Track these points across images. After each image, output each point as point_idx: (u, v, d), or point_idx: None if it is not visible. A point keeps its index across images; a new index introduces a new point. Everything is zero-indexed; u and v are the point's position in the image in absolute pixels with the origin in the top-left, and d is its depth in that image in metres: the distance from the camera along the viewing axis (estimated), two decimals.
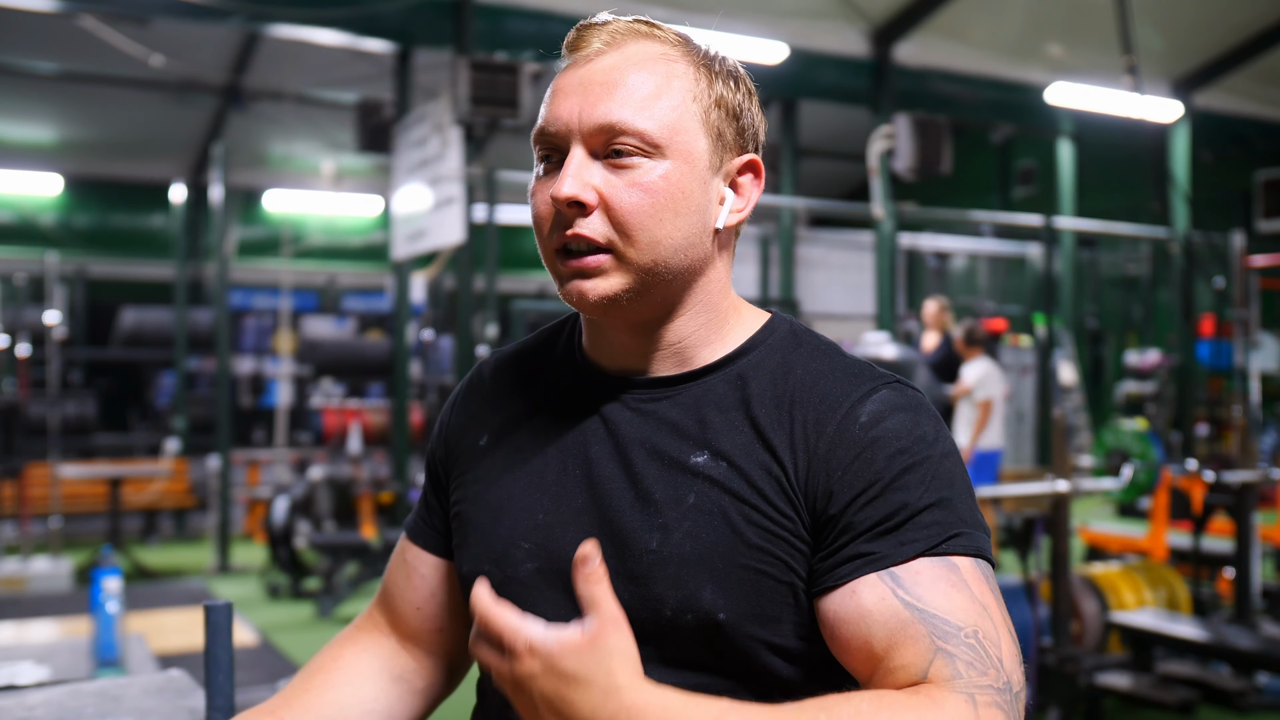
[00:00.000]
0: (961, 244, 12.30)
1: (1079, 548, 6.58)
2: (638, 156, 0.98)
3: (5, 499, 7.99)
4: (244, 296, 13.52)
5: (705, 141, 1.01)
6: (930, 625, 0.90)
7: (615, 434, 1.04)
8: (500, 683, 0.87)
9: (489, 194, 6.51)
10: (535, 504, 1.05)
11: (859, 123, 9.60)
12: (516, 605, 1.03)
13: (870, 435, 0.96)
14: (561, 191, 0.96)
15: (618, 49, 1.01)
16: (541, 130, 1.01)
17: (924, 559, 0.93)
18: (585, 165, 0.98)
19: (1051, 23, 9.72)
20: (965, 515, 0.96)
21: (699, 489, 0.99)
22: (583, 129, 0.98)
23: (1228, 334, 8.61)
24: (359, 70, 9.45)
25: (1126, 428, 5.20)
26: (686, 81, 1.01)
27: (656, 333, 1.04)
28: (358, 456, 8.47)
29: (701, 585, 0.97)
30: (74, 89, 11.17)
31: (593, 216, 0.97)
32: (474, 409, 1.16)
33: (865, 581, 0.93)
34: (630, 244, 0.98)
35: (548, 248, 1.01)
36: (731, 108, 1.03)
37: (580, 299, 0.99)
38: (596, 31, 1.02)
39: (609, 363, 1.07)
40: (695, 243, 1.01)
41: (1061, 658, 4.09)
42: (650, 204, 0.97)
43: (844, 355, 1.05)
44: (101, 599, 2.79)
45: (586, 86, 0.99)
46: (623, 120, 0.97)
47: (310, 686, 1.16)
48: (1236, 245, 6.47)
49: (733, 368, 1.04)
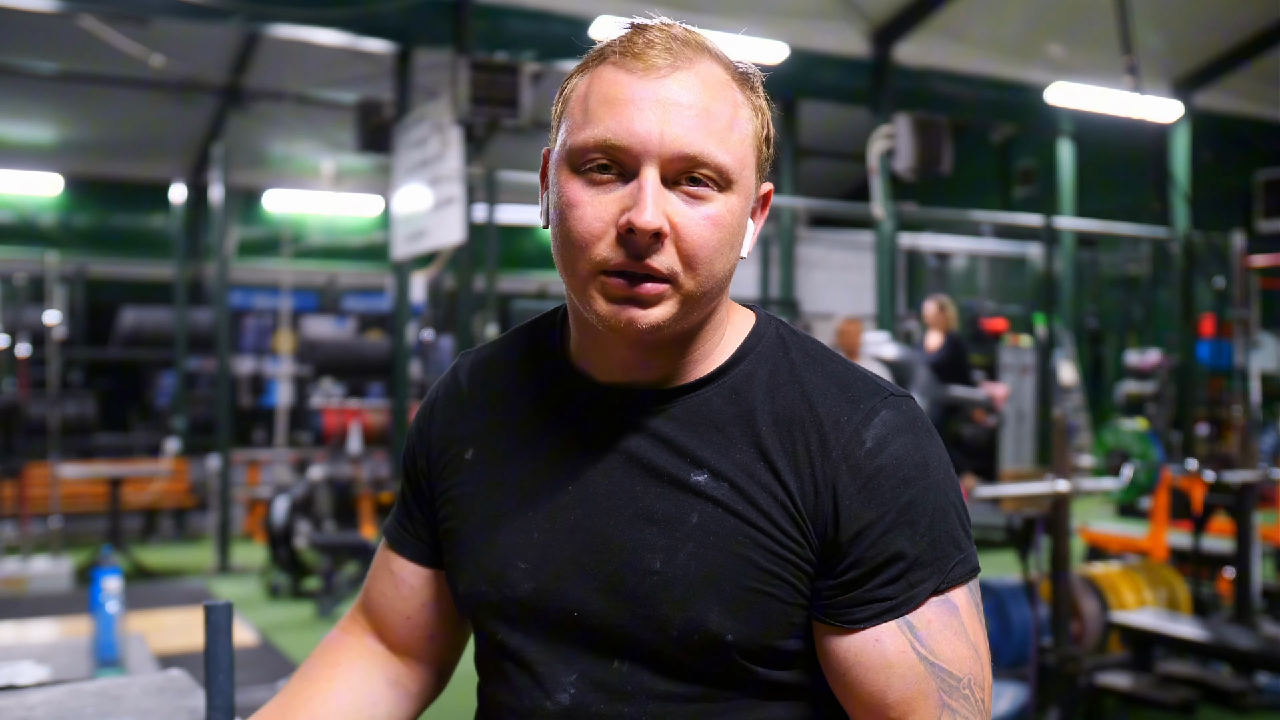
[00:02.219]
0: (961, 244, 12.30)
1: (1079, 548, 6.58)
2: (711, 189, 0.95)
3: (5, 499, 7.99)
4: (244, 296, 13.52)
5: (755, 173, 1.00)
6: (939, 680, 0.96)
7: (609, 449, 1.02)
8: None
9: (489, 194, 6.51)
10: (529, 521, 1.04)
11: (859, 123, 9.60)
12: (516, 624, 1.04)
13: (876, 464, 0.96)
14: (648, 221, 0.91)
15: (688, 68, 0.95)
16: (607, 141, 0.93)
17: (932, 602, 0.96)
18: (662, 192, 0.93)
19: (1051, 23, 9.72)
20: (959, 537, 0.99)
21: (701, 509, 0.98)
22: (663, 153, 0.93)
23: (1228, 334, 8.61)
24: (359, 70, 9.45)
25: (1126, 428, 5.20)
26: (747, 112, 0.99)
27: (664, 349, 1.02)
28: (358, 456, 8.47)
29: (709, 608, 0.96)
30: (74, 89, 11.17)
31: (663, 247, 0.93)
32: (454, 417, 1.13)
33: (886, 630, 0.96)
34: (692, 277, 0.95)
35: (591, 263, 0.95)
36: (771, 138, 1.03)
37: (629, 325, 0.94)
38: (658, 38, 0.96)
39: (602, 374, 1.04)
40: (734, 269, 1.00)
41: (1061, 658, 4.09)
42: (718, 239, 0.95)
43: (835, 361, 1.04)
44: (101, 599, 2.79)
45: (666, 105, 0.93)
46: (707, 152, 0.93)
47: (311, 693, 1.16)
48: (1236, 245, 6.46)
49: (726, 380, 1.02)
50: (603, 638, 1.00)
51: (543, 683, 1.02)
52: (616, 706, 0.99)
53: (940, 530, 0.97)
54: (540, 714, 1.02)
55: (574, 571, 1.01)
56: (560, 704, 1.01)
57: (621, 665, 1.00)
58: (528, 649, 1.03)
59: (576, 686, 1.01)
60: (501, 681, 1.06)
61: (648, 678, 0.99)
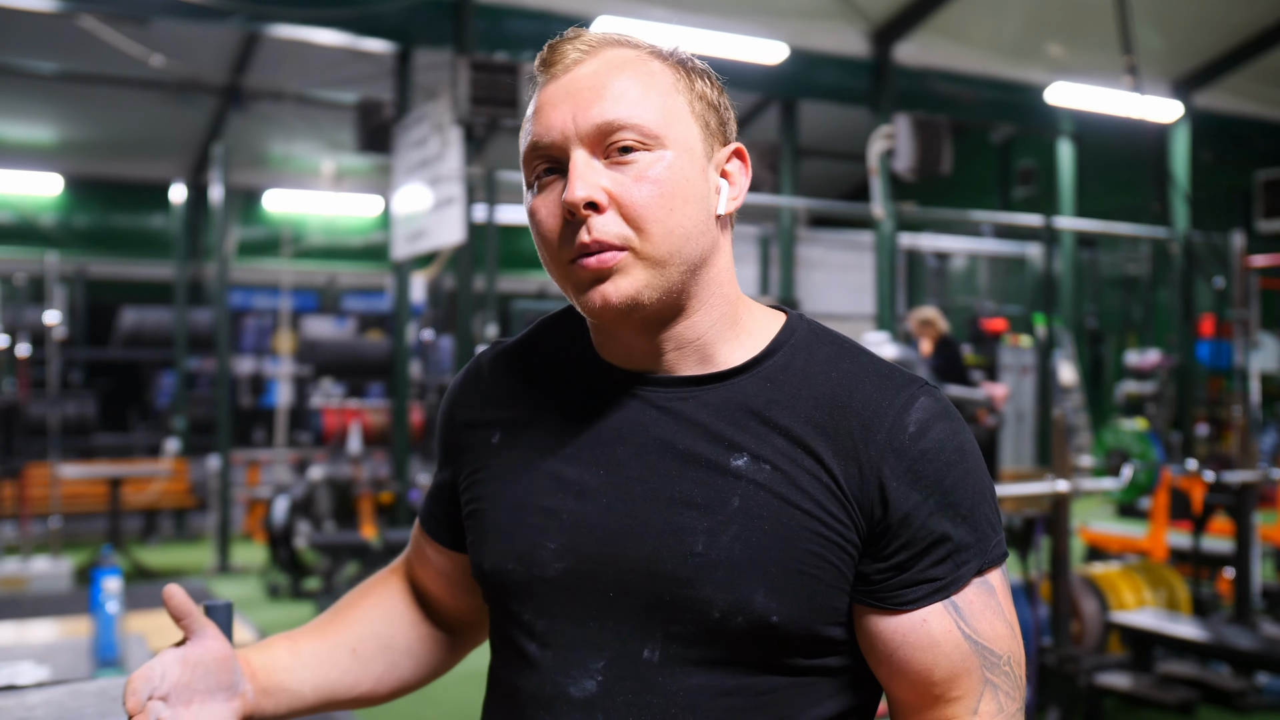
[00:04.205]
0: (961, 244, 12.30)
1: (1079, 548, 6.58)
2: (639, 151, 0.97)
3: (5, 499, 7.99)
4: (244, 296, 13.52)
5: (697, 130, 1.01)
6: (982, 657, 0.98)
7: (641, 434, 1.02)
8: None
9: (489, 194, 6.51)
10: (559, 503, 1.03)
11: (859, 123, 9.60)
12: (543, 607, 1.03)
13: (920, 448, 0.98)
14: (575, 195, 0.95)
15: (595, 56, 1.00)
16: (534, 145, 1.00)
17: (974, 583, 0.99)
18: (590, 166, 0.97)
19: (1051, 23, 9.72)
20: (995, 520, 1.02)
21: (743, 493, 0.98)
22: (580, 132, 0.97)
23: (1228, 334, 8.62)
24: (359, 70, 9.46)
25: (1126, 428, 5.20)
26: (667, 78, 1.01)
27: (672, 331, 1.02)
28: (358, 456, 8.47)
29: (754, 589, 0.96)
30: (74, 89, 11.17)
31: (606, 217, 0.96)
32: (477, 404, 1.14)
33: (934, 611, 0.97)
34: (646, 238, 0.97)
35: (561, 261, 0.99)
36: (711, 100, 1.04)
37: (604, 304, 0.97)
38: (570, 44, 1.01)
39: (625, 364, 1.06)
40: (704, 230, 1.01)
41: (1061, 658, 4.09)
42: (660, 194, 0.97)
43: (867, 354, 1.05)
44: (101, 599, 2.79)
45: (574, 92, 0.98)
46: (619, 116, 0.97)
47: (335, 620, 1.21)
48: (1236, 245, 6.47)
49: (760, 370, 1.03)
50: (634, 623, 0.99)
51: (568, 669, 1.01)
52: (645, 697, 0.98)
53: (980, 513, 0.99)
54: (563, 701, 1.01)
55: (608, 553, 1.00)
56: (586, 691, 1.00)
57: (653, 654, 0.98)
58: (553, 633, 1.02)
59: (604, 674, 0.99)
60: (523, 667, 1.05)
61: (680, 668, 0.98)
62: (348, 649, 1.18)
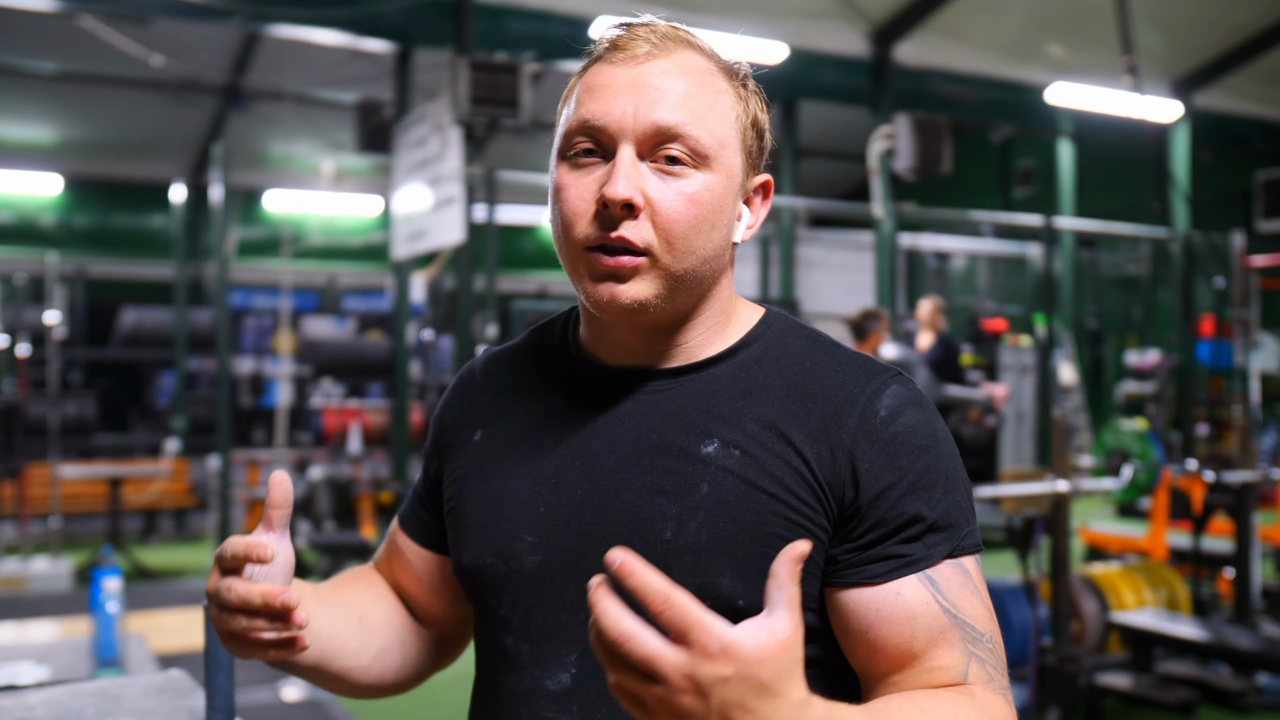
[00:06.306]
0: (961, 244, 12.30)
1: (1079, 548, 6.58)
2: (687, 166, 0.98)
3: (5, 499, 7.99)
4: (244, 296, 13.52)
5: (740, 159, 1.03)
6: (963, 630, 0.96)
7: (616, 426, 1.04)
8: (655, 684, 0.72)
9: (489, 194, 6.51)
10: (535, 497, 1.05)
11: (859, 123, 9.60)
12: (520, 599, 1.04)
13: (891, 431, 0.99)
14: (618, 192, 0.95)
15: (667, 55, 1.00)
16: (585, 122, 0.99)
17: (947, 562, 0.98)
18: (636, 167, 0.97)
19: (1051, 23, 9.72)
20: (968, 511, 1.01)
21: (712, 479, 0.99)
22: (637, 129, 0.97)
23: (1228, 334, 8.61)
24: (359, 70, 9.45)
25: (1126, 428, 5.20)
26: (730, 98, 1.02)
27: (668, 337, 1.05)
28: (358, 456, 8.47)
29: (720, 573, 0.97)
30: (74, 89, 11.18)
31: (639, 220, 0.97)
32: (466, 404, 1.16)
33: (908, 583, 0.97)
34: (670, 251, 0.98)
35: (576, 242, 0.99)
36: (760, 127, 1.06)
37: (611, 301, 0.98)
38: (644, 33, 1.01)
39: (611, 359, 1.07)
40: (721, 253, 1.03)
41: (1061, 658, 4.09)
42: (696, 216, 0.98)
43: (840, 346, 1.07)
44: (101, 599, 2.79)
45: (640, 86, 0.98)
46: (679, 126, 0.97)
47: (341, 587, 1.19)
48: (1236, 245, 6.47)
49: (735, 359, 1.05)
50: None
51: (544, 661, 1.02)
52: None
53: (951, 499, 0.99)
54: (539, 694, 1.02)
55: (582, 545, 1.01)
56: (561, 684, 1.01)
57: None
58: (529, 626, 1.03)
59: (578, 666, 1.00)
60: (501, 661, 1.06)
61: None
62: (356, 615, 1.16)
